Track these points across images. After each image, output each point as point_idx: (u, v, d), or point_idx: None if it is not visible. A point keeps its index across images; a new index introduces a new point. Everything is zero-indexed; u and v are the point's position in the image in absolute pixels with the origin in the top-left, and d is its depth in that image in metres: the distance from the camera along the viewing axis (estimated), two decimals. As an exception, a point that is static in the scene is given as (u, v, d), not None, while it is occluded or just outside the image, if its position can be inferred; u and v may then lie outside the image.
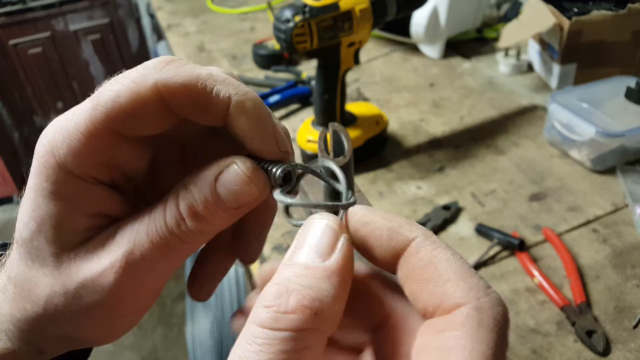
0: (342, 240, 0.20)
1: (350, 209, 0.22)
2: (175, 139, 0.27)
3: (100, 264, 0.22)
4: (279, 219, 0.72)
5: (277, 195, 0.24)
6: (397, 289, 0.23)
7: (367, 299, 0.23)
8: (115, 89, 0.22)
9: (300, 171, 0.25)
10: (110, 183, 0.24)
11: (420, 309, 0.20)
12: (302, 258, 0.20)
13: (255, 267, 1.55)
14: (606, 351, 0.52)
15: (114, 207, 0.24)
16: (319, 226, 0.21)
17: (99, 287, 0.22)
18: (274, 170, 0.24)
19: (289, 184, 0.25)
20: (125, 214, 0.24)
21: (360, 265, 0.24)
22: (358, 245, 0.22)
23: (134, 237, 0.23)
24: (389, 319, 0.23)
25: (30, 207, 0.23)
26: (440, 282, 0.19)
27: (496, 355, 0.17)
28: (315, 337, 0.18)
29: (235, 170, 0.23)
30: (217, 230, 0.24)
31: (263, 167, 0.24)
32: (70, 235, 0.23)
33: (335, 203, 0.24)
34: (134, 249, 0.22)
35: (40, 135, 0.23)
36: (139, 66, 0.23)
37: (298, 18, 0.65)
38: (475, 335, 0.17)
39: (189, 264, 1.76)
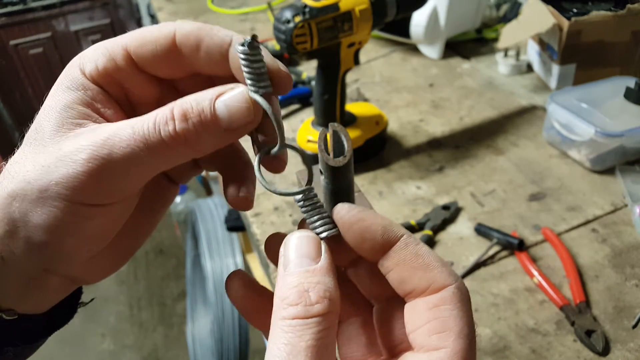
0: (323, 244, 0.25)
1: (344, 207, 0.26)
2: (183, 93, 0.31)
3: (81, 142, 0.25)
4: (275, 218, 0.72)
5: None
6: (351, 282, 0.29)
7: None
8: (146, 28, 0.28)
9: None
10: (115, 99, 0.28)
11: (407, 290, 0.25)
12: (301, 265, 0.24)
13: (256, 273, 1.55)
14: (605, 351, 0.52)
15: (113, 115, 0.28)
16: (301, 239, 0.26)
17: (71, 161, 0.24)
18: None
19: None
20: None
21: None
22: (349, 236, 0.26)
23: (119, 128, 0.25)
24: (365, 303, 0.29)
25: (46, 100, 0.27)
26: (429, 269, 0.24)
27: (472, 320, 0.24)
28: (333, 317, 0.23)
29: (239, 90, 0.25)
30: (199, 150, 0.26)
31: None
32: (70, 118, 0.26)
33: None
34: (114, 135, 0.24)
35: None
36: None
37: (298, 18, 0.66)
38: (462, 306, 0.24)
39: (189, 266, 1.76)
